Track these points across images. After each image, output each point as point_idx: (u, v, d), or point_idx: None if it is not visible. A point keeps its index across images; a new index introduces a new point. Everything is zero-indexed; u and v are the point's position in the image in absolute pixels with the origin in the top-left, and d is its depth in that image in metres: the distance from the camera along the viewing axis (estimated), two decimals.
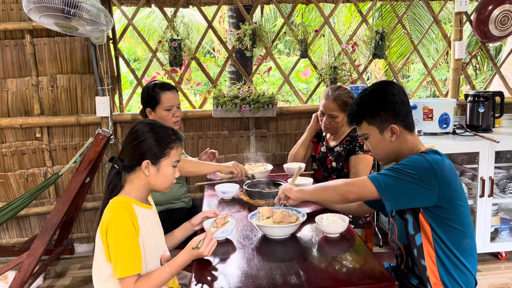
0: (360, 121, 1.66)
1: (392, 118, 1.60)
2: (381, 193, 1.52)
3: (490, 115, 3.20)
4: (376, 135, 1.63)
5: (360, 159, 2.47)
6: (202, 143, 3.46)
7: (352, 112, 1.70)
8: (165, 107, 2.42)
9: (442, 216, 1.50)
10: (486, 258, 3.10)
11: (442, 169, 1.49)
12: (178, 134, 1.65)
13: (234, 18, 4.82)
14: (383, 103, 1.61)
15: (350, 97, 2.51)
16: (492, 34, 3.50)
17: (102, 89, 3.15)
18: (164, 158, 1.58)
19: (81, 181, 2.69)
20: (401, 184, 1.49)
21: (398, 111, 1.60)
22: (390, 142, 1.62)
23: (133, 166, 1.57)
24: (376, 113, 1.61)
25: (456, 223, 1.52)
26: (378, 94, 1.64)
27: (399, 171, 1.50)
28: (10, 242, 3.40)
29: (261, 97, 3.23)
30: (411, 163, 1.51)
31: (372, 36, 3.44)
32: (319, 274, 1.44)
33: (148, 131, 1.58)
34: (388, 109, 1.60)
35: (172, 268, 1.51)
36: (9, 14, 3.13)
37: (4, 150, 3.26)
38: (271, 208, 1.82)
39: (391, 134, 1.61)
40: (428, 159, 1.50)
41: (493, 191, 2.92)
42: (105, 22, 2.65)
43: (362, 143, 2.47)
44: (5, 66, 3.20)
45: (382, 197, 1.52)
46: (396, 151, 1.64)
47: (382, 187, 1.52)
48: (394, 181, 1.50)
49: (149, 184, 1.59)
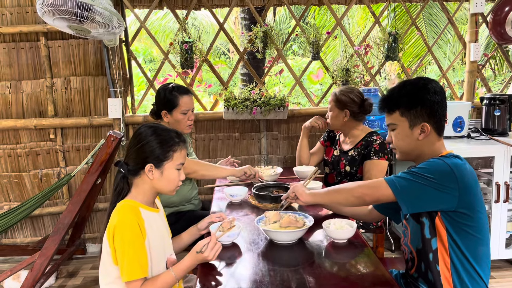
0: (393, 109, 1.60)
1: (426, 116, 1.55)
2: (397, 195, 1.50)
3: (506, 118, 3.13)
4: (405, 128, 1.58)
5: (375, 164, 2.44)
6: (213, 145, 3.46)
7: (387, 98, 1.64)
8: (182, 111, 2.43)
9: (459, 222, 1.47)
10: (501, 264, 3.03)
11: (462, 173, 1.46)
12: (182, 137, 1.64)
13: (246, 20, 4.82)
14: (424, 98, 1.56)
15: (346, 96, 2.53)
16: (509, 36, 3.42)
17: (114, 91, 3.18)
18: (167, 161, 1.57)
19: (93, 182, 2.72)
20: (419, 188, 1.46)
21: (435, 111, 1.55)
22: (417, 139, 1.57)
23: (138, 170, 1.57)
24: (413, 106, 1.56)
25: (474, 230, 1.48)
26: (421, 88, 1.57)
27: (417, 174, 1.48)
28: (24, 241, 3.46)
29: (272, 99, 3.22)
30: (430, 166, 1.48)
31: (385, 38, 3.40)
32: (324, 280, 1.42)
33: (151, 134, 1.58)
34: (426, 106, 1.55)
35: (177, 272, 1.51)
36: (24, 17, 3.18)
37: (19, 151, 3.32)
38: (278, 213, 1.80)
39: (421, 131, 1.56)
40: (447, 163, 1.47)
41: (508, 197, 2.85)
42: (118, 24, 2.68)
43: (378, 148, 2.44)
44: (20, 68, 3.26)
45: (398, 200, 1.50)
46: (419, 150, 1.60)
47: (398, 190, 1.49)
48: (411, 184, 1.48)
49: (154, 187, 1.59)
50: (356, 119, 2.55)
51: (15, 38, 3.23)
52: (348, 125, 2.57)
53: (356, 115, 2.53)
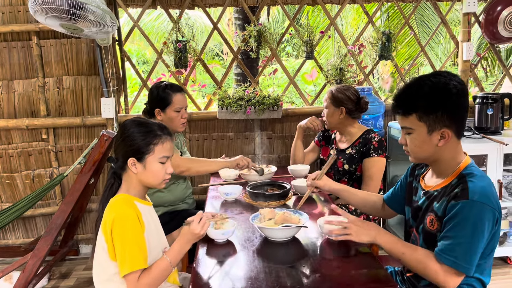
0: (410, 112, 1.42)
1: (448, 121, 1.39)
2: (468, 272, 1.37)
3: (499, 117, 3.14)
4: (423, 133, 1.42)
5: (375, 161, 2.45)
6: (207, 144, 3.45)
7: (403, 98, 1.46)
8: (175, 108, 2.44)
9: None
10: (494, 262, 3.01)
11: (499, 205, 1.38)
12: (165, 130, 1.62)
13: (240, 20, 4.81)
14: (445, 103, 1.38)
15: (342, 93, 2.53)
16: (501, 35, 3.44)
17: (107, 90, 3.16)
18: (148, 154, 1.56)
19: (85, 182, 2.69)
20: (476, 247, 1.35)
21: (457, 116, 1.41)
22: (436, 145, 1.43)
23: (124, 164, 1.57)
24: (433, 111, 1.39)
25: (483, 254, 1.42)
26: (443, 91, 1.39)
27: (469, 236, 1.33)
28: (16, 243, 3.42)
29: (266, 98, 3.21)
30: (478, 219, 1.32)
31: (379, 37, 3.41)
32: (319, 277, 1.41)
33: (132, 127, 1.58)
34: (447, 111, 1.39)
35: (170, 256, 1.50)
36: (16, 16, 3.16)
37: (10, 151, 3.29)
38: (273, 210, 1.79)
39: (440, 137, 1.41)
40: (494, 208, 1.34)
41: (501, 195, 2.86)
42: (111, 23, 2.66)
43: (377, 146, 2.44)
44: (12, 68, 3.23)
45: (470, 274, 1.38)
46: (437, 156, 1.46)
47: (468, 268, 1.35)
48: (471, 249, 1.35)
49: (141, 181, 1.59)
50: (352, 117, 2.55)
51: (6, 37, 3.20)
52: (344, 123, 2.57)
53: (352, 113, 2.54)
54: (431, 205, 1.50)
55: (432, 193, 1.53)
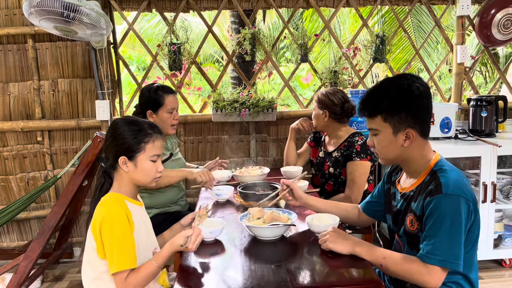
0: (375, 114, 1.48)
1: (411, 121, 1.44)
2: (452, 267, 1.37)
3: (493, 119, 3.14)
4: (388, 134, 1.47)
5: (357, 165, 2.44)
6: (202, 147, 3.45)
7: (367, 102, 1.50)
8: (168, 110, 2.45)
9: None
10: (489, 265, 3.03)
11: (473, 195, 1.41)
12: (156, 128, 1.63)
13: (236, 24, 4.83)
14: (408, 104, 1.43)
15: (326, 97, 2.55)
16: (495, 38, 3.45)
17: (102, 93, 3.17)
18: (139, 153, 1.56)
19: (79, 183, 2.69)
20: (458, 243, 1.36)
21: (420, 116, 1.45)
22: (401, 146, 1.47)
23: (114, 163, 1.57)
24: (396, 112, 1.44)
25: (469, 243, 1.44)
26: (405, 92, 1.44)
27: (449, 231, 1.35)
28: (10, 246, 3.41)
29: (261, 101, 3.22)
30: (453, 214, 1.35)
31: (373, 40, 3.42)
32: (306, 276, 1.40)
33: (122, 126, 1.58)
34: (411, 112, 1.43)
35: (157, 261, 1.50)
36: (12, 19, 3.17)
37: (5, 154, 3.29)
38: (262, 209, 1.79)
39: (405, 138, 1.46)
40: (467, 199, 1.37)
41: (495, 197, 2.86)
42: (105, 26, 2.67)
43: (360, 149, 2.44)
44: (7, 70, 3.24)
45: (454, 269, 1.39)
46: (404, 156, 1.50)
47: (450, 262, 1.37)
48: (453, 244, 1.36)
49: (132, 179, 1.59)
50: (337, 121, 2.55)
51: (2, 40, 3.21)
52: (331, 126, 2.58)
53: (337, 116, 2.54)
54: (409, 206, 1.52)
55: (408, 194, 1.54)
